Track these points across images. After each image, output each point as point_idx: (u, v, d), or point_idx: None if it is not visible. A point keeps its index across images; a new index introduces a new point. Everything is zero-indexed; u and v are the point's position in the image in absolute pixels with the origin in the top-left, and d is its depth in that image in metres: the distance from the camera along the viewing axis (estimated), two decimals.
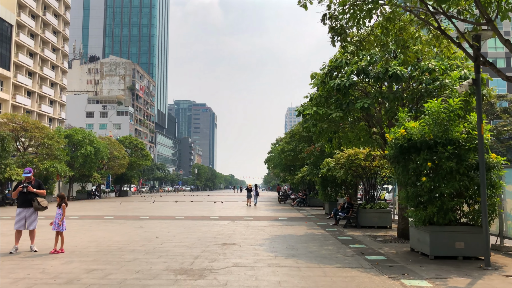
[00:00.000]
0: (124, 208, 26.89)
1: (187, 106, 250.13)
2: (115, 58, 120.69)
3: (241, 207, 28.11)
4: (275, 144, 50.67)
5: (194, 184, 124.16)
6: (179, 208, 26.27)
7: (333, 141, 13.57)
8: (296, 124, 27.83)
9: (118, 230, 13.67)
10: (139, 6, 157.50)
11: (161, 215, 20.25)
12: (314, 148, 19.60)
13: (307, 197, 31.29)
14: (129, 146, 55.01)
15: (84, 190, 44.80)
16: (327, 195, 22.37)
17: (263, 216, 20.26)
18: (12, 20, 57.66)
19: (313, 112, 11.77)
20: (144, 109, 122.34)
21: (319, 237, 12.27)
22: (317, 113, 11.79)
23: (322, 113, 11.74)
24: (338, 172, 15.22)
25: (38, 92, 65.09)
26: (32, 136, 32.96)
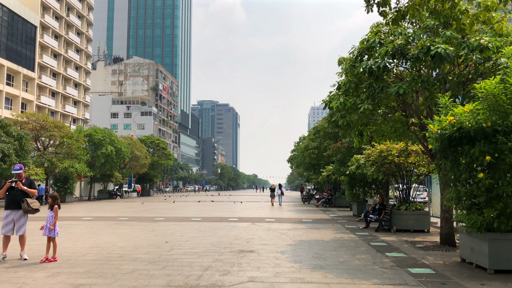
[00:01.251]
0: (142, 208, 26.00)
1: (210, 106, 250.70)
2: (138, 59, 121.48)
3: (262, 208, 26.78)
4: (298, 143, 49.13)
5: (217, 183, 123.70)
6: (198, 209, 25.17)
7: (364, 135, 12.04)
8: (320, 120, 26.28)
9: (127, 233, 12.56)
10: (162, 7, 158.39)
11: (177, 217, 19.13)
12: (341, 144, 18.07)
13: (333, 197, 29.68)
14: (151, 145, 54.55)
15: (105, 190, 44.42)
16: (355, 195, 20.78)
17: (286, 218, 18.86)
18: (36, 22, 58.15)
19: (340, 103, 10.30)
20: (167, 109, 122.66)
21: (350, 243, 10.79)
22: (345, 104, 10.31)
23: (351, 104, 10.26)
24: (369, 170, 13.68)
25: (62, 93, 65.59)
26: (52, 135, 32.57)
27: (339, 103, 10.34)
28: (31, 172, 29.08)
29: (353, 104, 10.32)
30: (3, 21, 51.29)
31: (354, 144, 12.80)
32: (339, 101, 10.36)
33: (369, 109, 9.96)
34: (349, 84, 10.44)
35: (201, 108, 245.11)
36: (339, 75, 11.85)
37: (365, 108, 9.87)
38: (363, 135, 12.34)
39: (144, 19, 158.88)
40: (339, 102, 10.34)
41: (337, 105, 10.44)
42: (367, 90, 10.16)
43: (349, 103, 10.26)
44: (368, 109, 9.88)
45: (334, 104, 10.50)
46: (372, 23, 11.73)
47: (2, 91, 50.33)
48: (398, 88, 9.37)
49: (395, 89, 9.39)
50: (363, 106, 9.91)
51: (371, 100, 10.03)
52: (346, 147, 17.80)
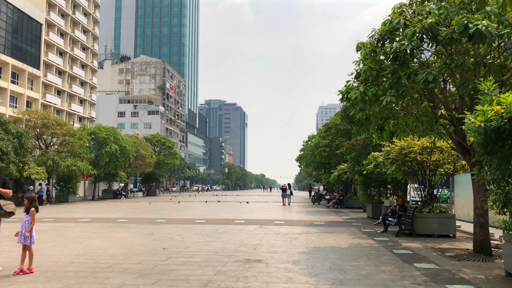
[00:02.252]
0: (145, 209, 24.95)
1: (218, 105, 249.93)
2: (145, 57, 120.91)
3: (271, 209, 25.60)
4: (307, 141, 47.84)
5: (224, 183, 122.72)
6: (203, 210, 24.05)
7: (385, 129, 10.78)
8: (332, 117, 25.00)
9: (122, 238, 11.45)
10: (169, 6, 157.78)
11: (180, 218, 18.01)
12: (356, 141, 16.82)
13: (344, 198, 28.40)
14: (157, 144, 53.60)
15: (110, 190, 43.52)
16: (370, 196, 19.51)
17: (296, 220, 17.65)
18: (41, 19, 57.49)
19: (360, 93, 9.05)
20: (175, 108, 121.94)
21: (370, 251, 9.57)
22: (365, 94, 9.07)
23: (372, 94, 9.03)
24: (388, 169, 12.42)
25: (68, 91, 64.91)
26: (54, 133, 31.66)
27: (358, 93, 9.11)
28: (31, 171, 28.18)
29: (374, 95, 9.08)
30: (8, 18, 50.65)
31: (374, 140, 11.57)
32: (359, 91, 9.12)
33: (392, 102, 8.72)
34: (369, 71, 9.19)
35: (208, 107, 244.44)
36: (356, 63, 10.60)
37: (388, 101, 8.62)
38: (384, 130, 11.10)
39: (151, 18, 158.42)
40: (358, 92, 9.11)
41: (356, 96, 9.21)
42: (391, 78, 8.91)
43: (370, 93, 9.03)
44: (391, 100, 8.64)
45: (353, 94, 9.26)
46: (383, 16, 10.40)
47: (7, 89, 49.69)
48: (427, 74, 8.11)
49: (424, 76, 8.14)
50: (386, 99, 8.66)
51: (394, 91, 8.77)
52: (361, 144, 16.54)
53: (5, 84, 49.21)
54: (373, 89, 9.12)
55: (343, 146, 20.10)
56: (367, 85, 9.26)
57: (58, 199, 34.08)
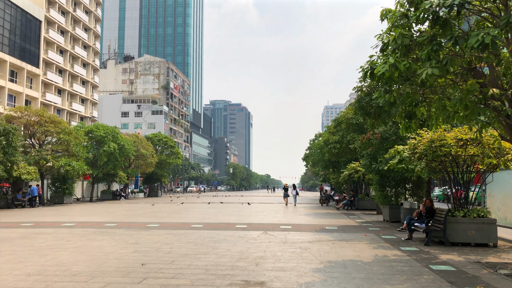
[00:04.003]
0: (141, 211, 23.12)
1: (222, 106, 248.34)
2: (149, 57, 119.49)
3: (276, 211, 23.68)
4: (314, 140, 45.90)
5: (229, 183, 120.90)
6: (203, 212, 22.17)
7: (416, 115, 8.80)
8: (342, 111, 23.02)
9: (98, 248, 9.58)
10: (173, 6, 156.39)
11: (175, 222, 16.14)
12: (372, 135, 14.85)
13: (355, 199, 26.41)
14: (159, 143, 51.85)
15: (109, 191, 41.81)
16: (386, 197, 17.52)
17: (304, 225, 15.71)
18: (40, 16, 56.02)
19: (390, 66, 7.10)
20: (179, 108, 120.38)
21: (401, 266, 7.62)
22: (396, 68, 7.12)
23: (405, 68, 7.08)
24: (416, 165, 10.45)
25: (69, 90, 63.43)
26: (47, 130, 29.95)
27: (387, 66, 7.15)
28: (22, 171, 26.50)
29: (407, 69, 7.13)
30: (6, 15, 49.17)
31: (400, 132, 9.58)
32: (389, 63, 7.16)
33: (434, 74, 6.76)
34: (401, 39, 7.23)
35: (213, 107, 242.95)
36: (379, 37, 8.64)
37: (428, 74, 6.66)
38: (413, 118, 9.13)
39: (155, 18, 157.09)
40: (387, 66, 7.15)
41: (383, 71, 7.25)
42: (429, 45, 6.95)
43: (403, 66, 7.07)
44: (433, 74, 6.68)
45: (380, 68, 7.30)
46: None
47: (5, 87, 48.22)
48: (484, 36, 6.16)
49: (479, 39, 6.18)
50: (425, 72, 6.70)
51: (435, 62, 6.82)
52: (379, 138, 14.56)
53: (3, 83, 47.74)
54: (406, 62, 7.17)
55: (359, 140, 18.12)
56: (398, 58, 7.31)
57: (53, 201, 32.39)
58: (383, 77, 7.74)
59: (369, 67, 7.93)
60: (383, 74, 7.66)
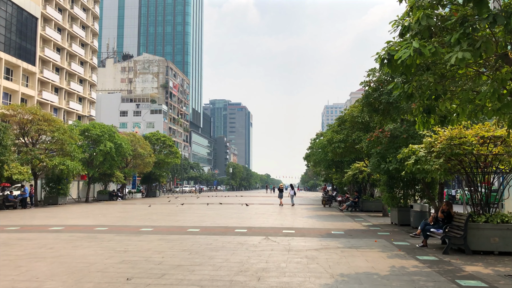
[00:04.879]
0: (136, 213, 22.16)
1: (222, 105, 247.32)
2: (148, 55, 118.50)
3: (277, 212, 22.72)
4: (315, 139, 44.94)
5: (229, 183, 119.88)
6: (201, 214, 21.20)
7: (436, 110, 7.83)
8: (346, 109, 22.04)
9: (82, 258, 8.61)
10: (173, 4, 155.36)
11: (171, 226, 15.17)
12: (381, 132, 13.87)
13: (359, 200, 25.44)
14: (157, 143, 50.85)
15: (105, 191, 40.83)
16: (395, 199, 16.56)
17: (309, 228, 14.74)
18: (37, 13, 55.03)
19: (413, 50, 6.12)
20: (178, 107, 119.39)
21: (424, 281, 6.65)
22: (420, 53, 6.14)
23: (431, 53, 6.11)
24: (433, 165, 9.47)
25: (66, 89, 62.43)
26: (40, 129, 28.96)
27: (410, 51, 6.17)
28: (13, 171, 25.55)
29: (433, 53, 6.16)
30: (1, 11, 48.18)
31: (417, 127, 8.63)
32: (411, 49, 6.18)
33: (465, 59, 5.78)
34: (425, 20, 6.24)
35: (213, 107, 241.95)
36: (394, 24, 7.66)
37: (459, 59, 5.69)
38: (433, 113, 8.15)
39: (155, 17, 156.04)
40: (410, 50, 6.16)
41: (406, 56, 6.27)
42: (460, 28, 5.98)
43: (428, 51, 6.10)
44: (464, 59, 5.70)
45: (402, 54, 6.32)
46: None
47: (0, 85, 47.23)
48: None
49: None
50: (455, 56, 5.73)
51: (466, 45, 5.85)
52: (389, 137, 13.58)
53: None
54: (431, 46, 6.19)
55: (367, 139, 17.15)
56: (422, 42, 6.33)
57: (47, 201, 31.41)
58: (403, 65, 6.76)
59: (387, 53, 6.94)
60: (403, 61, 6.70)
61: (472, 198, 10.15)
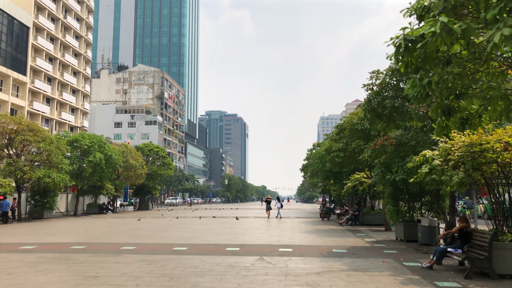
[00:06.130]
0: (122, 228, 20.74)
1: (218, 116, 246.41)
2: (143, 66, 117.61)
3: (274, 227, 21.39)
4: (312, 150, 43.79)
5: (224, 195, 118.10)
6: (191, 229, 19.82)
7: (457, 111, 6.65)
8: (345, 116, 20.88)
9: (41, 285, 7.27)
10: (168, 16, 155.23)
11: (155, 243, 13.81)
12: (386, 140, 12.65)
13: (360, 213, 24.15)
14: (150, 154, 49.46)
15: (95, 204, 39.31)
16: (400, 213, 15.30)
17: (308, 246, 13.42)
18: (28, 22, 53.96)
19: (441, 26, 4.95)
20: (173, 118, 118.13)
21: None
22: (449, 32, 4.98)
23: (463, 29, 4.95)
24: (451, 175, 8.24)
25: (58, 99, 61.13)
26: (25, 139, 27.60)
27: (436, 28, 4.98)
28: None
29: (464, 31, 4.99)
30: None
31: (435, 133, 7.44)
32: (439, 24, 4.99)
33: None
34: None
35: (209, 118, 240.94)
36: (405, 13, 6.50)
37: (505, 36, 4.51)
38: (452, 114, 6.97)
39: (150, 28, 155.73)
40: (436, 27, 4.98)
41: (432, 32, 5.07)
42: (500, 2, 4.81)
43: (458, 28, 4.92)
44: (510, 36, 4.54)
45: (426, 29, 5.12)
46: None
47: None
48: None
49: None
50: (498, 33, 4.55)
51: (511, 20, 4.68)
52: (394, 144, 12.38)
53: None
54: (461, 23, 5.01)
55: (365, 148, 15.95)
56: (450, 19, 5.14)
57: (32, 216, 29.92)
58: (424, 51, 5.58)
59: (404, 39, 5.75)
60: (424, 49, 5.52)
61: (494, 213, 8.91)
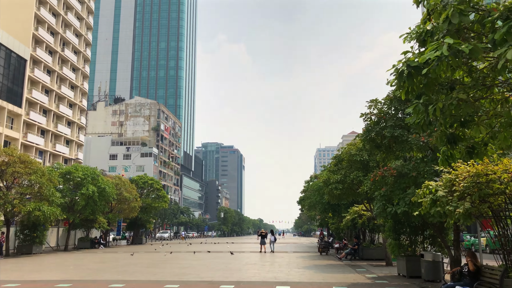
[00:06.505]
0: (111, 264, 19.90)
1: (214, 148, 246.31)
2: (140, 99, 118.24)
3: (270, 262, 20.61)
4: (309, 182, 43.22)
5: (220, 229, 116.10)
6: (185, 265, 19.04)
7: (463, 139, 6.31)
8: (344, 147, 20.57)
9: None
10: (166, 49, 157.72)
11: (146, 281, 13.09)
12: (386, 171, 12.25)
13: (359, 247, 23.44)
14: (144, 186, 48.68)
15: (87, 238, 38.23)
16: (402, 247, 14.71)
17: (306, 283, 12.75)
18: (26, 55, 54.34)
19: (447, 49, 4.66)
20: (169, 150, 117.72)
21: None
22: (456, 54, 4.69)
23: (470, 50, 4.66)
24: (458, 205, 7.80)
25: (53, 131, 60.78)
26: (15, 172, 27.00)
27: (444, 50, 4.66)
28: None
29: (473, 52, 4.69)
30: None
31: (439, 162, 7.07)
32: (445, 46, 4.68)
33: None
34: (457, 17, 4.81)
35: (205, 150, 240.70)
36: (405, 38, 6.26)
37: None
38: (458, 142, 6.63)
39: (148, 61, 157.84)
40: (443, 49, 4.66)
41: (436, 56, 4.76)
42: (507, 23, 4.55)
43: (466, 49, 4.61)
44: None
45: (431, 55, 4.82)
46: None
47: None
48: None
49: None
50: (510, 51, 4.26)
51: None
52: (395, 175, 11.98)
53: None
54: (467, 44, 4.73)
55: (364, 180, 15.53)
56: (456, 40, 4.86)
57: (20, 251, 28.90)
58: (427, 77, 5.29)
59: (406, 65, 5.46)
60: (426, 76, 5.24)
61: (504, 247, 8.42)
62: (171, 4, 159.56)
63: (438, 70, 5.05)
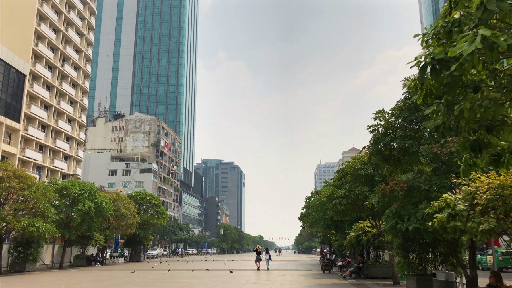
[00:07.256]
0: (106, 283, 19.00)
1: (214, 164, 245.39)
2: (140, 115, 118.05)
3: (271, 281, 19.71)
4: (310, 198, 42.36)
5: (220, 246, 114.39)
6: (182, 284, 18.15)
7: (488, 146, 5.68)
8: (347, 161, 19.89)
9: None
10: (166, 66, 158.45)
11: None
12: (396, 184, 11.55)
13: (364, 265, 22.54)
14: (142, 202, 47.79)
15: (83, 255, 37.21)
16: (412, 266, 13.90)
17: None
18: (25, 70, 54.08)
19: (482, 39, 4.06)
20: (169, 166, 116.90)
21: None
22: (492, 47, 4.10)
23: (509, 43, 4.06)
24: (482, 221, 7.11)
25: (52, 146, 60.14)
26: (9, 187, 26.26)
27: (477, 43, 4.07)
28: None
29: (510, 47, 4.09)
30: None
31: (461, 172, 6.40)
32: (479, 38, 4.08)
33: None
34: (494, 2, 4.24)
35: (205, 166, 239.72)
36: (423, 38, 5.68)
37: None
38: (483, 149, 5.99)
39: (148, 77, 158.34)
40: (477, 42, 4.07)
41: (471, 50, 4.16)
42: None
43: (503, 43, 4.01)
44: None
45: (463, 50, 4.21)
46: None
47: None
48: None
49: None
50: None
51: None
52: (405, 190, 11.28)
53: None
54: (505, 36, 4.13)
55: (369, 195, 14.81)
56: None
57: (13, 268, 27.94)
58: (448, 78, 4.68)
59: (430, 58, 4.84)
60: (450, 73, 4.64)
61: None
62: (172, 22, 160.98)
63: (468, 66, 4.44)
